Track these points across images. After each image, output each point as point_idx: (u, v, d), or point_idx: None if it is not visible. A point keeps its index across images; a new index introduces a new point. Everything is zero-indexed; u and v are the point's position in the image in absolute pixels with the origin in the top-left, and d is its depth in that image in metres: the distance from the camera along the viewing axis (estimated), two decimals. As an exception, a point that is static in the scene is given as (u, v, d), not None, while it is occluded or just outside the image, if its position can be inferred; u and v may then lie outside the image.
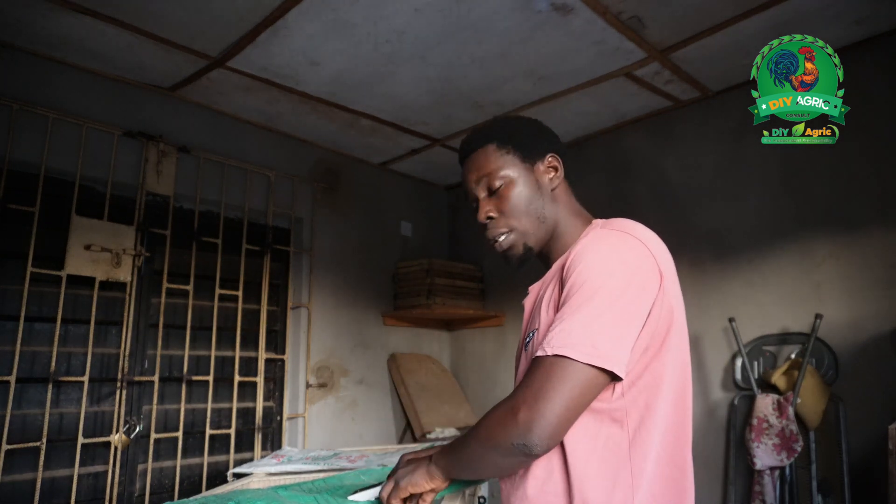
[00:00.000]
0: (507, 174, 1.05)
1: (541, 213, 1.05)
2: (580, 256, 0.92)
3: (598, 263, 0.90)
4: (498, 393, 3.35)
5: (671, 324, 0.93)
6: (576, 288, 0.89)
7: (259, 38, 2.11)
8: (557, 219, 1.07)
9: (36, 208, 2.14)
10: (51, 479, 2.15)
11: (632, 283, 0.89)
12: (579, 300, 0.88)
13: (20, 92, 2.16)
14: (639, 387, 0.90)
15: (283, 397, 2.90)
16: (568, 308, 0.88)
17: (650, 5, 1.95)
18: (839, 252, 2.21)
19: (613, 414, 0.90)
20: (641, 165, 2.86)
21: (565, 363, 0.84)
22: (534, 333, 0.99)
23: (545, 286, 1.04)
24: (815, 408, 2.13)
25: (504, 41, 2.15)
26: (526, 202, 1.05)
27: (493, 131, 1.10)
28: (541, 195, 1.06)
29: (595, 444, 0.90)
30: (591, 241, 0.95)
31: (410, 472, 1.00)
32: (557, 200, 1.08)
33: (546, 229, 1.06)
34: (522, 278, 1.31)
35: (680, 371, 0.95)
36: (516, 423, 0.84)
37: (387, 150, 3.22)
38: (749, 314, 2.40)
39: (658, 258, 0.94)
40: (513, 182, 1.05)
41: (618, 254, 0.92)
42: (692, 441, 0.98)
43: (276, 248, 2.89)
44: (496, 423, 0.88)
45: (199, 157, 2.63)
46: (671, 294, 0.94)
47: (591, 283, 0.88)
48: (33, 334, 2.20)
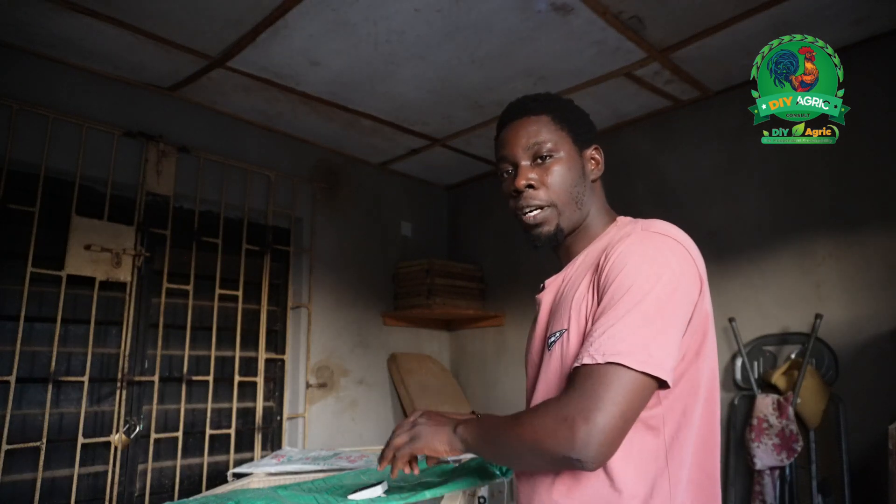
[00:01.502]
0: (559, 149, 1.02)
1: (581, 198, 1.02)
2: (623, 259, 0.89)
3: (644, 267, 0.87)
4: (498, 393, 3.35)
5: (707, 329, 0.91)
6: (621, 291, 0.85)
7: (259, 38, 2.11)
8: (590, 210, 1.05)
9: (36, 208, 2.14)
10: (51, 479, 2.15)
11: (678, 288, 0.86)
12: (627, 304, 0.84)
13: (20, 92, 2.16)
14: (676, 394, 0.88)
15: (283, 397, 2.90)
16: (614, 312, 0.84)
17: (650, 5, 1.95)
18: (839, 252, 2.21)
19: (649, 421, 0.88)
20: (641, 165, 2.86)
21: (621, 372, 0.80)
22: (562, 333, 0.95)
23: (570, 283, 1.00)
24: (815, 408, 2.13)
25: (504, 41, 2.15)
26: (571, 182, 1.01)
27: (550, 104, 1.06)
28: (584, 181, 1.04)
29: (630, 452, 0.87)
30: (634, 244, 0.91)
31: (432, 433, 0.96)
32: (594, 193, 1.06)
33: (580, 216, 1.03)
34: (523, 278, 1.30)
35: (712, 376, 0.94)
36: (572, 437, 0.78)
37: (387, 150, 3.22)
38: (749, 314, 2.40)
39: (697, 263, 0.92)
40: (563, 159, 1.01)
41: (664, 257, 0.88)
42: None
43: (276, 248, 2.89)
44: (547, 432, 0.82)
45: (199, 157, 2.63)
46: (707, 299, 0.93)
47: (638, 287, 0.84)
48: (33, 334, 2.19)
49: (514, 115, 1.06)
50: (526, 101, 1.07)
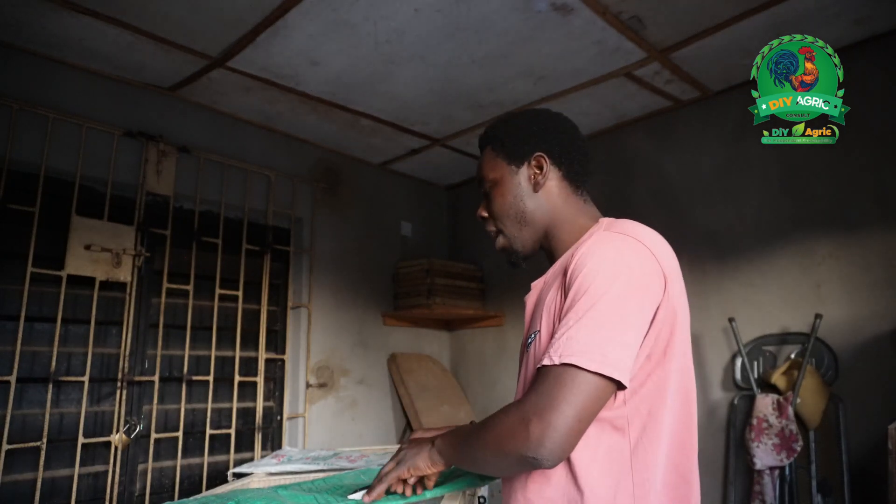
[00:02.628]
0: (493, 177, 1.08)
1: (521, 215, 1.05)
2: (583, 260, 0.90)
3: (602, 268, 0.88)
4: (498, 393, 3.35)
5: (674, 329, 0.91)
6: (580, 293, 0.87)
7: (259, 38, 2.11)
8: (549, 218, 1.05)
9: (36, 208, 2.14)
10: (51, 479, 2.15)
11: (637, 288, 0.87)
12: (584, 306, 0.85)
13: (20, 92, 2.16)
14: (641, 394, 0.89)
15: (283, 397, 2.90)
16: (573, 314, 0.86)
17: (650, 5, 1.95)
18: (839, 252, 2.21)
19: (615, 422, 0.88)
20: (641, 165, 2.86)
21: (574, 372, 0.82)
22: (535, 335, 0.97)
23: (547, 286, 1.03)
24: (815, 408, 2.13)
25: (504, 41, 2.15)
26: (506, 205, 1.06)
27: (490, 133, 1.12)
28: (522, 197, 1.05)
29: (596, 452, 0.88)
30: (593, 245, 0.93)
31: (414, 454, 1.01)
32: (547, 200, 1.05)
33: (532, 231, 1.06)
34: (523, 278, 1.30)
35: (684, 377, 0.93)
36: (527, 436, 0.81)
37: (387, 150, 3.22)
38: (749, 314, 2.40)
39: (661, 261, 0.92)
40: (496, 184, 1.07)
41: (621, 258, 0.89)
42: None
43: (276, 248, 2.89)
44: (506, 432, 0.85)
45: (199, 157, 2.63)
46: (675, 298, 0.92)
47: (595, 288, 0.86)
48: (33, 334, 2.19)
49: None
50: (479, 138, 1.15)
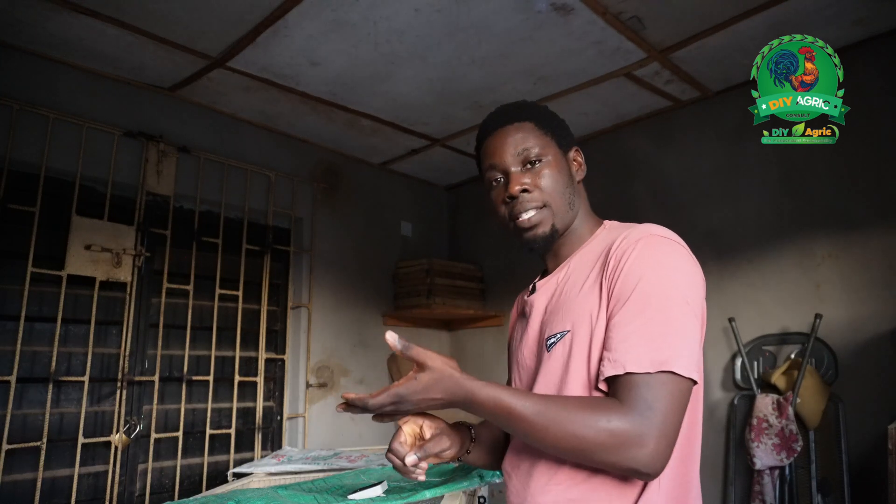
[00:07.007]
0: (545, 153, 1.04)
1: (571, 199, 1.04)
2: (639, 264, 0.88)
3: (666, 273, 0.87)
4: (498, 393, 3.34)
5: (704, 333, 0.93)
6: (644, 298, 0.85)
7: (259, 38, 2.11)
8: (577, 212, 1.06)
9: (36, 208, 2.14)
10: (51, 479, 2.15)
11: (697, 292, 0.89)
12: (655, 311, 0.84)
13: (20, 92, 2.16)
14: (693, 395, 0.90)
15: (283, 397, 2.90)
16: (644, 319, 0.84)
17: (650, 5, 1.95)
18: (839, 252, 2.21)
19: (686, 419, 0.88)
20: (641, 165, 2.86)
21: (675, 380, 0.80)
22: (563, 335, 0.94)
23: (570, 285, 0.99)
24: (815, 408, 2.13)
25: (504, 41, 2.15)
26: (562, 184, 1.03)
27: (532, 111, 1.08)
28: (572, 184, 1.06)
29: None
30: (648, 249, 0.90)
31: (435, 381, 0.83)
32: (581, 195, 1.08)
33: (571, 217, 1.05)
34: (523, 278, 1.30)
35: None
36: (646, 453, 0.77)
37: (387, 150, 3.22)
38: (749, 314, 2.40)
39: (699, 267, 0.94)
40: (551, 163, 1.03)
41: (678, 263, 0.90)
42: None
43: (276, 248, 2.89)
44: (615, 444, 0.78)
45: (199, 157, 2.63)
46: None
47: (663, 293, 0.85)
48: (34, 334, 2.19)
49: (497, 124, 1.07)
50: (507, 109, 1.09)
